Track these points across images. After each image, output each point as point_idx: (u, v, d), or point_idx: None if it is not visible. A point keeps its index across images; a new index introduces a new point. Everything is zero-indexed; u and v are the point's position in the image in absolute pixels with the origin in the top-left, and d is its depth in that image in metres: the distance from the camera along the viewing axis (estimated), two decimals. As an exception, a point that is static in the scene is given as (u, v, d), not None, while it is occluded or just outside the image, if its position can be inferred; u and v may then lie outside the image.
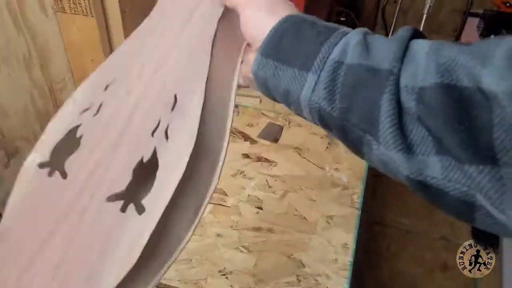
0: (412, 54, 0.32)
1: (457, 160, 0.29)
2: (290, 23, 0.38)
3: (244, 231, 0.83)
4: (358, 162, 1.01)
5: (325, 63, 0.34)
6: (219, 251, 0.79)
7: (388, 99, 0.31)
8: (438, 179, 0.30)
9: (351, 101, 0.33)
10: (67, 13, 0.87)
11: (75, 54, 0.93)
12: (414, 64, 0.31)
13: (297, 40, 0.37)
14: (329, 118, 0.35)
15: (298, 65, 0.36)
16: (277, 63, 0.37)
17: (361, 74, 0.33)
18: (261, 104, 1.20)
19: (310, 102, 0.36)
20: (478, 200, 0.29)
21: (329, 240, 0.82)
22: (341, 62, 0.34)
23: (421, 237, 1.80)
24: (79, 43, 0.90)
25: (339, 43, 0.35)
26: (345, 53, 0.34)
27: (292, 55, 0.37)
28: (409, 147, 0.31)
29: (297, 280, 0.75)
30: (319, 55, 0.35)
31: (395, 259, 1.71)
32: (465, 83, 0.29)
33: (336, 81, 0.34)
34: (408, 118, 0.31)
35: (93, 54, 0.92)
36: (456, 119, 0.28)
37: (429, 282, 1.64)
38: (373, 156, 0.35)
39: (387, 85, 0.31)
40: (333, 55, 0.35)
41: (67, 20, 0.88)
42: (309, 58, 0.35)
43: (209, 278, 0.75)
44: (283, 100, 0.41)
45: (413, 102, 0.30)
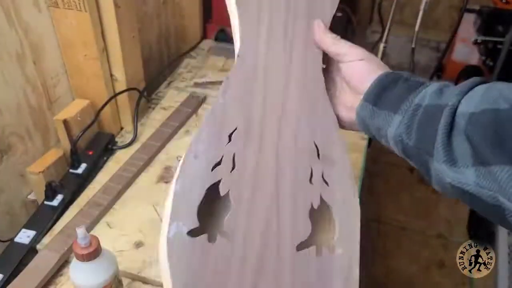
0: (474, 91, 0.41)
1: (487, 164, 0.37)
2: (390, 79, 0.49)
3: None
4: (355, 160, 1.00)
5: (409, 107, 0.45)
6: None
7: (444, 123, 0.40)
8: (472, 185, 0.38)
9: (421, 131, 0.43)
10: (60, 8, 0.86)
11: (68, 50, 0.92)
12: (472, 97, 0.40)
13: (391, 92, 0.47)
14: (407, 148, 0.45)
15: (388, 109, 0.47)
16: (374, 107, 0.48)
17: (431, 110, 0.43)
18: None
19: (394, 136, 0.46)
20: (502, 202, 0.36)
21: (325, 237, 0.82)
22: (419, 104, 0.44)
23: (417, 234, 1.80)
24: (73, 38, 0.89)
25: (422, 91, 0.45)
26: (424, 98, 0.44)
27: (387, 102, 0.47)
28: (454, 160, 0.40)
29: (293, 278, 0.74)
30: (405, 102, 0.45)
31: (391, 256, 1.71)
32: (503, 106, 0.37)
33: (414, 119, 0.44)
34: (457, 137, 0.40)
35: (87, 49, 0.90)
36: (495, 133, 0.37)
37: (425, 279, 1.64)
38: (432, 178, 0.44)
39: (445, 113, 0.41)
40: (416, 100, 0.45)
41: (60, 15, 0.87)
42: (398, 103, 0.46)
43: (204, 275, 0.74)
44: (376, 134, 0.50)
45: (463, 124, 0.39)
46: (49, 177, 0.88)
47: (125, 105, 1.04)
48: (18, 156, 0.87)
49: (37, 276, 0.71)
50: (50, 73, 0.91)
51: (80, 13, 0.85)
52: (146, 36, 1.27)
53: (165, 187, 0.91)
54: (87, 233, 0.60)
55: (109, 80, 0.98)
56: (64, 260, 0.76)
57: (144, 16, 1.24)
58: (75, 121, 0.92)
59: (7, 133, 0.83)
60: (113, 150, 1.00)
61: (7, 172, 0.85)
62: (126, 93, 1.01)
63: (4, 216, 0.87)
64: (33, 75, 0.86)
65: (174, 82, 1.26)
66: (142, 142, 1.00)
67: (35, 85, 0.87)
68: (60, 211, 0.84)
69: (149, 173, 0.94)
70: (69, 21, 0.87)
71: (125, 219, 0.84)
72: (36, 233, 0.79)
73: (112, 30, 0.91)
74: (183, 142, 1.03)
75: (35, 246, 0.78)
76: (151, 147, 0.98)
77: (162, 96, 1.20)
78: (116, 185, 0.88)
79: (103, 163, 0.97)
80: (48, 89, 0.91)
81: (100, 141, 0.98)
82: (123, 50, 0.95)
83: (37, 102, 0.89)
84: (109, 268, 0.63)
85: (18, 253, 0.76)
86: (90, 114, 0.96)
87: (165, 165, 0.96)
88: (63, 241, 0.76)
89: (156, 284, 0.74)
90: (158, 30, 1.33)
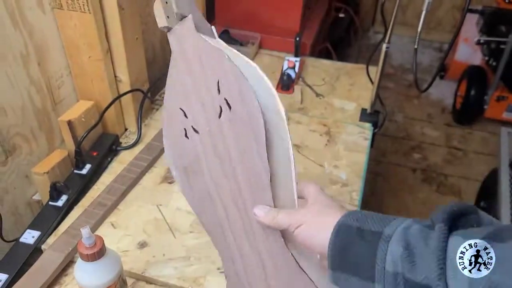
0: (452, 270, 0.39)
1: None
2: (341, 238, 0.46)
3: (243, 228, 0.83)
4: (357, 160, 1.00)
5: (384, 274, 0.42)
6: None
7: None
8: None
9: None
10: (65, 10, 0.86)
11: (72, 51, 0.92)
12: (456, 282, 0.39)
13: (351, 252, 0.45)
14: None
15: (362, 275, 0.44)
16: (345, 274, 0.45)
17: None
18: (260, 101, 1.20)
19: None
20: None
21: (328, 237, 0.82)
22: (396, 273, 0.41)
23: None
24: (77, 39, 0.90)
25: (388, 252, 0.42)
26: (396, 264, 0.41)
27: (354, 266, 0.45)
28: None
29: (296, 278, 0.75)
30: (376, 267, 0.42)
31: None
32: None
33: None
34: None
35: (91, 51, 0.91)
36: None
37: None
38: None
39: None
40: (387, 266, 0.42)
41: (64, 17, 0.88)
42: (369, 268, 0.43)
43: (207, 275, 0.75)
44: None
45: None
46: (54, 178, 0.89)
47: (129, 106, 1.04)
48: (23, 157, 0.88)
49: (42, 276, 0.71)
50: (54, 75, 0.92)
51: (84, 14, 0.86)
52: (149, 37, 1.28)
53: (169, 187, 0.92)
54: (92, 233, 0.60)
55: (113, 82, 0.98)
56: (69, 260, 0.76)
57: (148, 18, 1.24)
58: (79, 122, 0.92)
59: (12, 134, 0.84)
60: (117, 150, 1.00)
61: (12, 173, 0.86)
62: (130, 94, 1.02)
63: (9, 216, 0.88)
64: (38, 77, 0.87)
65: (177, 83, 1.26)
66: (146, 143, 1.01)
67: (40, 86, 0.88)
68: (65, 211, 0.85)
69: (153, 174, 0.95)
70: (73, 23, 0.88)
71: (129, 219, 0.85)
72: (41, 234, 0.80)
73: (116, 31, 0.92)
74: (187, 143, 1.04)
75: (40, 246, 0.79)
76: (155, 148, 0.98)
77: (166, 97, 1.20)
78: (120, 186, 0.88)
79: (107, 163, 0.97)
80: (52, 90, 0.92)
81: (104, 142, 0.99)
82: (127, 52, 0.95)
83: (42, 103, 0.89)
84: (114, 268, 0.64)
85: (23, 253, 0.77)
86: (94, 115, 0.96)
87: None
88: (67, 241, 0.76)
89: (160, 284, 0.74)
90: (161, 31, 1.33)
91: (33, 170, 0.88)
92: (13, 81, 0.81)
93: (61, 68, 0.93)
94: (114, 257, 0.65)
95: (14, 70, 0.81)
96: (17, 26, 0.79)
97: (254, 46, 1.39)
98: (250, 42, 1.43)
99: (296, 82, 1.26)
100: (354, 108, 1.18)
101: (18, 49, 0.81)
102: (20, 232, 0.81)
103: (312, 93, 1.24)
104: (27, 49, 0.83)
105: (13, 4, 0.77)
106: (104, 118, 0.99)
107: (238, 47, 1.38)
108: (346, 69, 1.35)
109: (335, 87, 1.27)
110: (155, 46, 1.32)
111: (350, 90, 1.25)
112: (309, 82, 1.28)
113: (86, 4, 0.84)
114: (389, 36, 1.04)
